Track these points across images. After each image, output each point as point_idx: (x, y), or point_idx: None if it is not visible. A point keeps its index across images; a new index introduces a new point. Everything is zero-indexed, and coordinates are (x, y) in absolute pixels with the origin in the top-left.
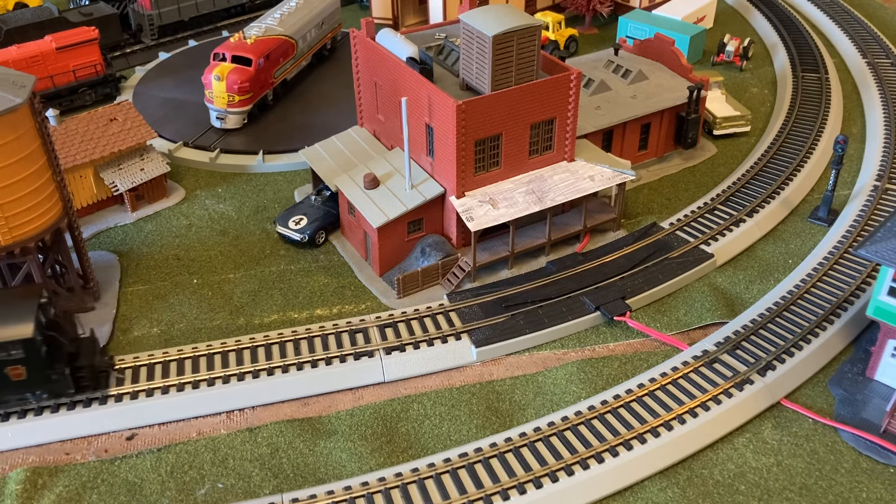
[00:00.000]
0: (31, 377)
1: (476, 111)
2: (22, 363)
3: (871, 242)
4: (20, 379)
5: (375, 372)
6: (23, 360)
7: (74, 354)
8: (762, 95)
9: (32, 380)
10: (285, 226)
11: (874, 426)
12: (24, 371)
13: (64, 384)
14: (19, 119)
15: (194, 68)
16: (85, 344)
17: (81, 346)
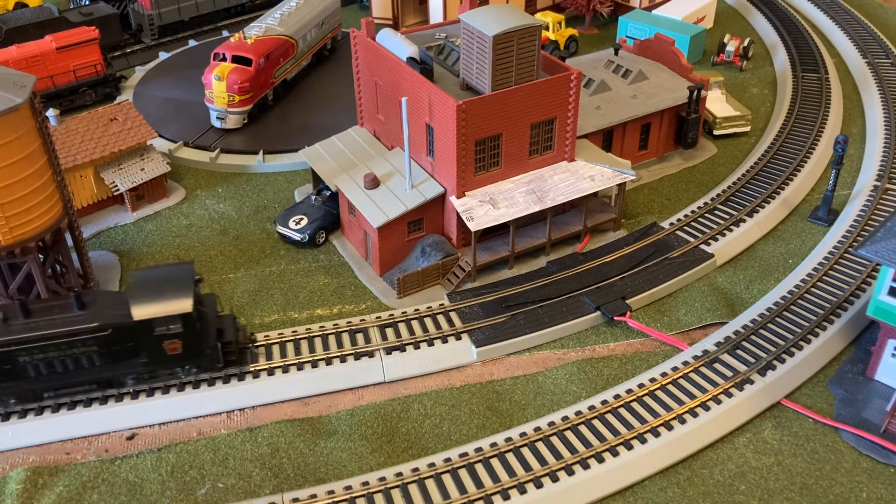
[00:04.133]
0: (186, 351)
1: (476, 111)
2: (179, 337)
3: (871, 242)
4: (175, 353)
5: (376, 372)
6: (180, 334)
7: (220, 330)
8: (762, 95)
9: (186, 354)
10: (285, 226)
11: (874, 426)
12: (180, 345)
13: (214, 358)
14: (20, 119)
15: (194, 68)
16: (227, 321)
17: (224, 322)
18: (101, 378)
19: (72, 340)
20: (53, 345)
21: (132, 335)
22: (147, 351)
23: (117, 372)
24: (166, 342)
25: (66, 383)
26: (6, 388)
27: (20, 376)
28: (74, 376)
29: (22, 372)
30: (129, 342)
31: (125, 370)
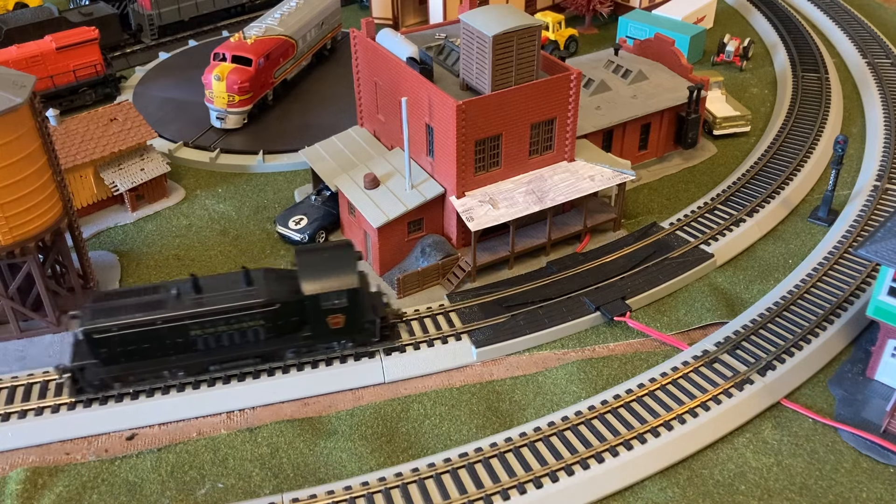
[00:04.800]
0: (348, 325)
1: (476, 111)
2: (343, 312)
3: (871, 242)
4: (337, 327)
5: (375, 373)
6: (345, 308)
7: (374, 306)
8: (762, 95)
9: (347, 328)
10: (285, 226)
11: (874, 426)
12: (343, 320)
13: (371, 333)
14: (20, 119)
15: (194, 68)
16: (377, 297)
17: (375, 298)
18: (264, 352)
19: (242, 315)
20: (224, 319)
21: (299, 310)
22: (311, 325)
23: (280, 346)
24: (331, 317)
25: (231, 357)
26: (176, 362)
27: (190, 349)
28: (240, 350)
29: (192, 345)
30: (294, 317)
31: (287, 344)
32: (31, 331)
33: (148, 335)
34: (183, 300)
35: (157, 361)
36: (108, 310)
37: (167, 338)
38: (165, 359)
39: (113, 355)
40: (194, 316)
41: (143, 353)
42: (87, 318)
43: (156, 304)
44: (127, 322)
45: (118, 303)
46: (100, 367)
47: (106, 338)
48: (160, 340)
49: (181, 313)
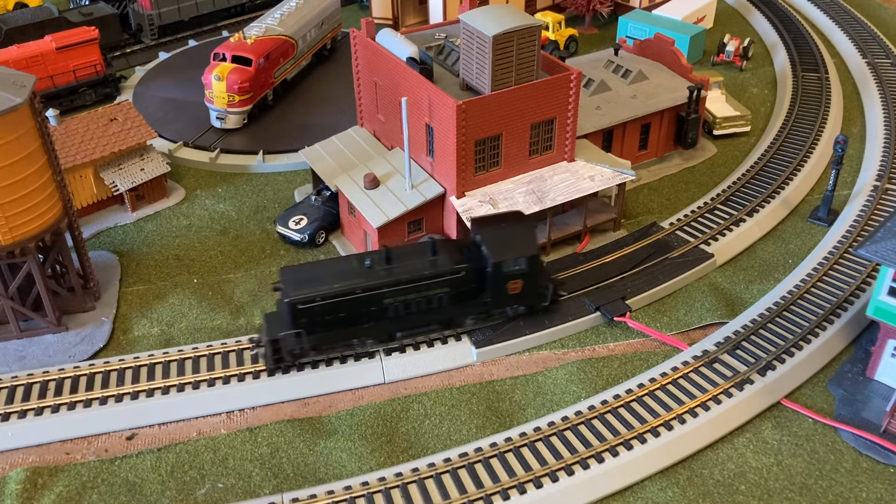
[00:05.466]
0: (524, 291)
1: (476, 111)
2: (522, 277)
3: (871, 242)
4: (515, 292)
5: (375, 373)
6: (524, 274)
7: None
8: (762, 95)
9: (523, 293)
10: (285, 226)
11: (874, 426)
12: (521, 285)
13: (543, 297)
14: (19, 119)
15: (194, 68)
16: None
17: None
18: (446, 318)
19: (431, 283)
20: (416, 287)
21: (482, 276)
22: (492, 291)
23: (460, 312)
24: (511, 282)
25: (417, 323)
26: (368, 330)
27: (381, 318)
28: (425, 317)
29: (383, 313)
30: (476, 283)
31: (467, 310)
32: (31, 331)
33: (346, 304)
34: (377, 270)
35: (351, 330)
36: (306, 281)
37: (363, 306)
38: (358, 327)
39: (313, 325)
40: (390, 284)
41: (339, 321)
42: (291, 289)
43: (352, 274)
44: (329, 292)
45: (312, 275)
46: (300, 338)
47: (309, 308)
48: (356, 309)
49: (379, 282)
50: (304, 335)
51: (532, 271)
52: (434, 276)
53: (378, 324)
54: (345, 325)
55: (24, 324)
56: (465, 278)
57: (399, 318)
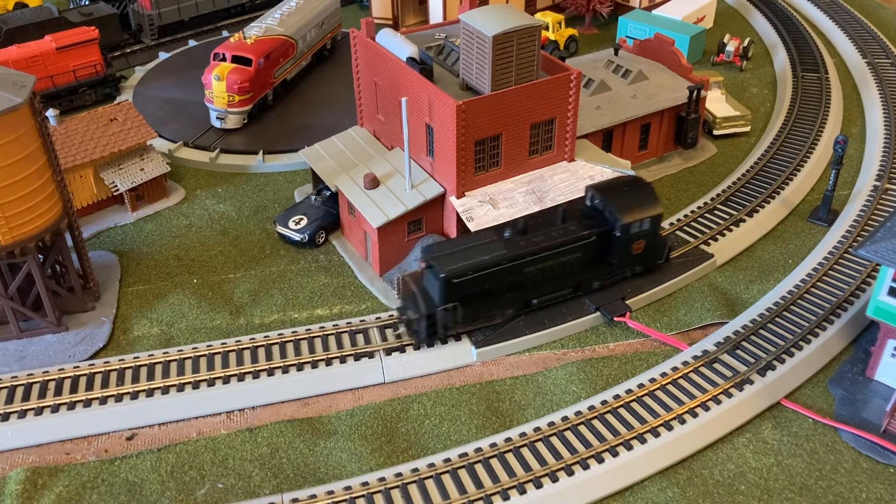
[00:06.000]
0: (646, 250)
1: (476, 111)
2: (645, 237)
3: (871, 242)
4: (638, 252)
5: (375, 373)
6: (648, 234)
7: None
8: (762, 95)
9: (645, 253)
10: (285, 226)
11: (874, 426)
12: (644, 245)
13: (660, 255)
14: (19, 119)
15: (194, 68)
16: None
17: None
18: (576, 283)
19: (566, 249)
20: (552, 255)
21: (610, 239)
22: (618, 253)
23: (588, 276)
24: (636, 243)
25: (551, 290)
26: (509, 300)
27: (520, 287)
28: (557, 283)
29: (522, 282)
30: (605, 246)
31: (594, 273)
32: (31, 331)
33: (494, 275)
34: (516, 240)
35: (495, 300)
36: (455, 256)
37: (507, 276)
38: (500, 297)
39: (465, 297)
40: (531, 254)
41: (485, 293)
42: (443, 264)
43: (495, 246)
44: (480, 264)
45: (457, 249)
46: (455, 311)
47: (462, 281)
48: (501, 279)
49: (521, 252)
50: (458, 308)
51: (654, 231)
52: (568, 243)
53: (517, 293)
54: (490, 296)
55: (24, 324)
56: (595, 242)
57: (535, 286)
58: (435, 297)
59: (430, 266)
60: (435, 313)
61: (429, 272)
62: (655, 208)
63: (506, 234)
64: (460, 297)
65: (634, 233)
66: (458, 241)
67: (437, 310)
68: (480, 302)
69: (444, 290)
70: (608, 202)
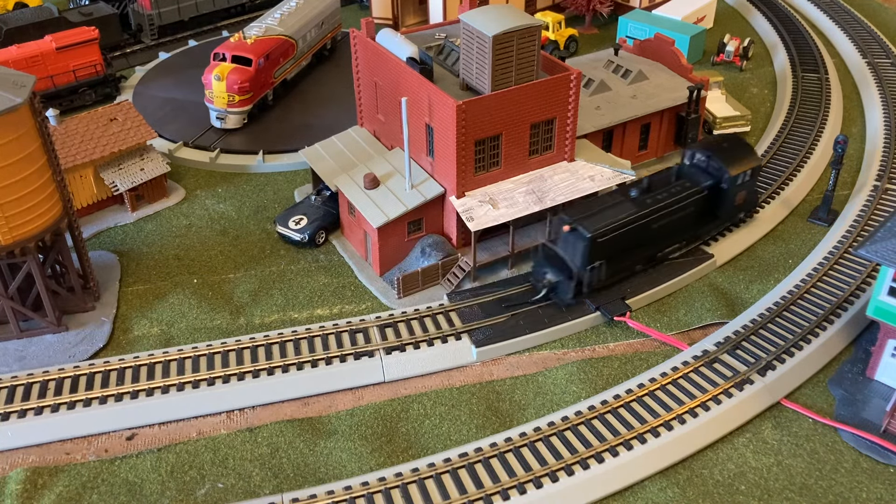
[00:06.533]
0: (745, 200)
1: (476, 111)
2: (746, 188)
3: (871, 242)
4: (739, 203)
5: (375, 372)
6: (748, 184)
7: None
8: (762, 95)
9: (744, 202)
10: (285, 226)
11: (874, 426)
12: (745, 195)
13: (755, 203)
14: (19, 119)
15: (194, 68)
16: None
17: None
18: (689, 235)
19: (685, 204)
20: (674, 210)
21: (719, 192)
22: (723, 204)
23: (699, 228)
24: (739, 194)
25: (670, 243)
26: (638, 255)
27: (646, 243)
28: (675, 237)
29: (648, 238)
30: (715, 199)
31: (703, 224)
32: (31, 331)
33: (628, 233)
34: (643, 199)
35: (628, 257)
36: (593, 217)
37: (638, 233)
38: (632, 254)
39: (606, 256)
40: (657, 210)
41: (621, 251)
42: (588, 225)
43: (626, 205)
44: (619, 223)
45: (593, 211)
46: (599, 270)
47: (605, 240)
48: (633, 237)
49: (649, 209)
50: (602, 266)
51: (753, 182)
52: (686, 198)
53: (644, 249)
54: (625, 253)
55: (24, 324)
56: (707, 196)
57: (658, 241)
58: (578, 258)
59: (573, 229)
60: (581, 273)
61: (571, 235)
62: (755, 160)
63: (632, 194)
64: (603, 256)
65: (739, 184)
66: (588, 204)
67: (584, 270)
68: (618, 259)
69: (590, 249)
70: (715, 158)
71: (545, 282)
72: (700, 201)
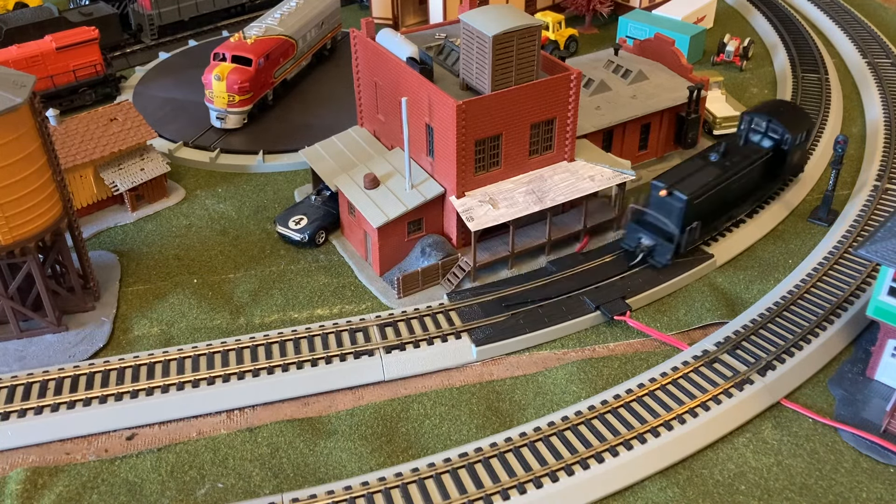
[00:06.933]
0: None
1: (476, 111)
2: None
3: (871, 242)
4: (795, 162)
5: (375, 370)
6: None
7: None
8: (762, 95)
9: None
10: (285, 226)
11: (874, 426)
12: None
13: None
14: (19, 119)
15: (194, 68)
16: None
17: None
18: (756, 195)
19: (757, 165)
20: (749, 171)
21: (782, 153)
22: (784, 163)
23: (762, 187)
24: (795, 153)
25: (742, 202)
26: (720, 215)
27: (725, 203)
28: (746, 196)
29: (727, 199)
30: (778, 159)
31: (767, 183)
32: (31, 331)
33: (716, 194)
34: (723, 162)
35: (713, 217)
36: (685, 181)
37: (722, 194)
38: (716, 213)
39: (699, 217)
40: (736, 172)
41: (710, 211)
42: (683, 188)
43: (710, 168)
44: (709, 184)
45: (683, 175)
46: (694, 231)
47: (699, 202)
48: (719, 197)
49: (731, 171)
50: (698, 227)
51: (806, 142)
52: (759, 159)
53: (725, 208)
54: (712, 213)
55: (24, 324)
56: (773, 157)
57: (736, 201)
58: (676, 220)
59: (670, 193)
60: (680, 235)
61: (668, 199)
62: (809, 122)
63: (713, 158)
64: (698, 217)
65: (797, 144)
66: (676, 170)
67: (682, 231)
68: (708, 220)
69: (686, 211)
70: (776, 121)
71: (642, 246)
72: (767, 162)
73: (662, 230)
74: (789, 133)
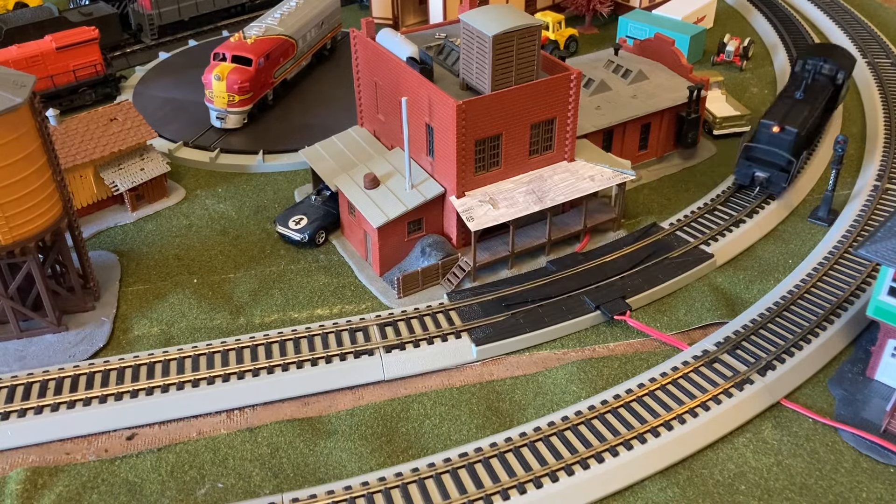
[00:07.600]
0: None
1: (476, 111)
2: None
3: (871, 242)
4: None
5: (375, 370)
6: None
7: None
8: (762, 95)
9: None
10: (285, 225)
11: (874, 426)
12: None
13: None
14: (19, 119)
15: (194, 68)
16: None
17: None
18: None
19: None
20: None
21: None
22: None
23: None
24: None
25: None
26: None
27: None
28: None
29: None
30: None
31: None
32: (31, 331)
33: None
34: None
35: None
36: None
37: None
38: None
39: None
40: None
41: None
42: (791, 123)
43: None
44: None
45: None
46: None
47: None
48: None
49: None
50: (804, 156)
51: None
52: (827, 94)
53: (812, 139)
54: (806, 145)
55: (24, 324)
56: (835, 91)
57: (816, 132)
58: (790, 151)
59: (783, 128)
60: (794, 163)
61: (781, 133)
62: (853, 60)
63: (798, 96)
64: (804, 147)
65: (845, 79)
66: (775, 108)
67: (795, 160)
68: (807, 150)
69: (796, 143)
70: (831, 61)
71: (759, 179)
72: (831, 97)
73: (775, 163)
74: (843, 70)
